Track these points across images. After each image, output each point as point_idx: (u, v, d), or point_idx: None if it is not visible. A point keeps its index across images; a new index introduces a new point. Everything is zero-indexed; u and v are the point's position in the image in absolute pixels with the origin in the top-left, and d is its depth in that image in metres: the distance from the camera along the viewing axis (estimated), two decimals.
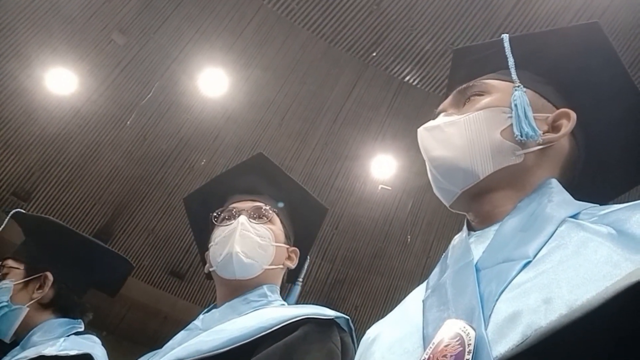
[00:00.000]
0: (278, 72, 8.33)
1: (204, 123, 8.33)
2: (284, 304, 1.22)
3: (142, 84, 7.95)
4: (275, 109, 8.51)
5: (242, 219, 1.27)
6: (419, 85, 8.42)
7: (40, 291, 1.62)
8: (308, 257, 1.45)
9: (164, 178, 8.41)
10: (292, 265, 1.33)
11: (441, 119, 0.84)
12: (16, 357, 1.46)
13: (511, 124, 0.76)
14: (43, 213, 7.80)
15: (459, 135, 0.78)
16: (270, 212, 1.31)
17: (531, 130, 0.75)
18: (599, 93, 0.84)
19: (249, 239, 1.24)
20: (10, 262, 1.68)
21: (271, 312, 1.09)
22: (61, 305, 1.64)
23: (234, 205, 1.33)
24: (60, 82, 7.57)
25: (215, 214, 1.32)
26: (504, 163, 0.76)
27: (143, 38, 7.82)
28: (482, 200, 0.78)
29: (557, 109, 0.82)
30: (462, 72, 0.94)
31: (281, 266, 1.30)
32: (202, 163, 8.40)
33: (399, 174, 8.53)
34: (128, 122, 7.94)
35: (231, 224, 1.27)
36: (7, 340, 1.59)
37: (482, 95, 0.83)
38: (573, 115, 0.80)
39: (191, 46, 7.93)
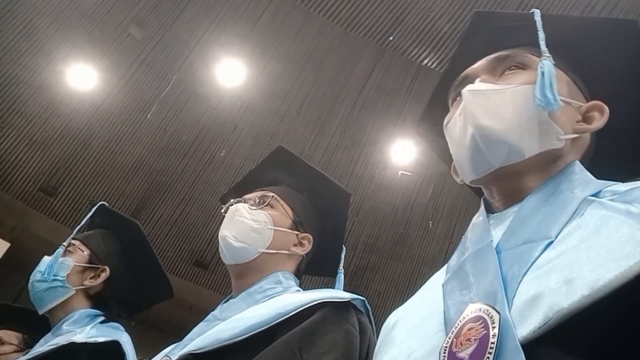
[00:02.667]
0: (294, 61, 8.31)
1: (222, 114, 8.39)
2: (299, 290, 1.22)
3: (161, 77, 8.03)
4: (292, 97, 8.51)
5: (239, 206, 1.29)
6: (437, 68, 8.30)
7: (92, 280, 1.67)
8: (344, 246, 1.44)
9: (185, 170, 8.52)
10: (302, 251, 1.31)
11: (484, 85, 0.79)
12: (48, 344, 1.52)
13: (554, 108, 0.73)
14: (70, 208, 8.00)
15: (506, 107, 0.75)
16: (271, 197, 1.31)
17: (553, 99, 0.72)
18: (622, 92, 0.83)
19: (241, 224, 1.25)
20: (78, 244, 1.72)
21: (288, 298, 1.10)
22: (102, 302, 1.69)
23: (244, 197, 1.35)
24: (81, 77, 7.71)
25: (228, 205, 1.34)
26: (548, 146, 0.74)
27: (160, 30, 7.88)
28: (512, 180, 0.75)
29: (586, 99, 0.81)
30: (481, 37, 0.90)
31: (286, 252, 1.28)
32: (222, 154, 8.47)
33: (419, 159, 8.46)
34: (148, 116, 8.05)
35: (228, 213, 1.31)
36: (40, 311, 1.65)
37: (523, 69, 0.80)
38: (607, 110, 0.78)
39: (208, 36, 7.96)
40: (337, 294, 1.07)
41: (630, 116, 0.82)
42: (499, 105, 0.75)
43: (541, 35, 0.81)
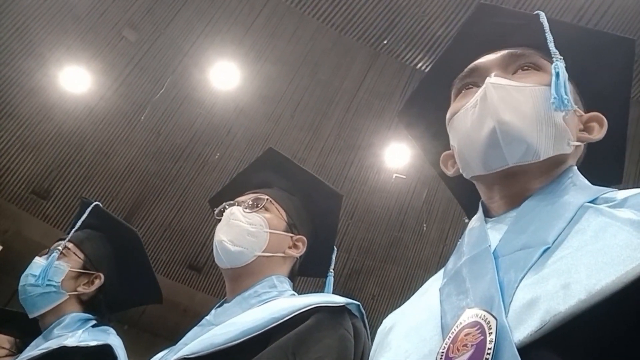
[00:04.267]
0: (289, 64, 8.32)
1: (216, 117, 8.37)
2: (294, 294, 1.22)
3: (155, 80, 8.00)
4: (286, 101, 8.51)
5: (234, 209, 1.29)
6: None
7: (86, 287, 1.65)
8: (335, 247, 1.44)
9: (179, 173, 8.49)
10: (297, 253, 1.31)
11: (504, 80, 0.77)
12: (39, 348, 1.50)
13: (568, 111, 0.74)
14: (62, 211, 7.94)
15: (526, 104, 0.73)
16: (266, 200, 1.31)
17: (567, 100, 0.72)
18: (606, 104, 0.84)
19: (237, 227, 1.25)
20: (72, 247, 1.69)
21: (282, 302, 1.10)
22: (94, 308, 1.67)
23: (237, 199, 1.34)
24: (74, 80, 7.66)
25: (221, 208, 1.33)
26: (560, 150, 0.74)
27: (154, 33, 7.86)
28: (519, 180, 0.74)
29: (584, 109, 0.83)
30: (483, 30, 0.89)
31: (281, 254, 1.28)
32: (216, 157, 8.45)
33: (413, 162, 8.48)
34: (142, 118, 8.01)
35: (223, 217, 1.30)
36: (31, 315, 1.63)
37: (537, 70, 0.80)
38: (606, 122, 0.80)
39: (202, 39, 7.95)
40: (332, 298, 1.06)
41: (611, 128, 0.84)
42: (520, 102, 0.74)
43: (549, 37, 0.81)
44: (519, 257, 0.60)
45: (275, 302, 1.13)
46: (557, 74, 0.74)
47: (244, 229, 1.25)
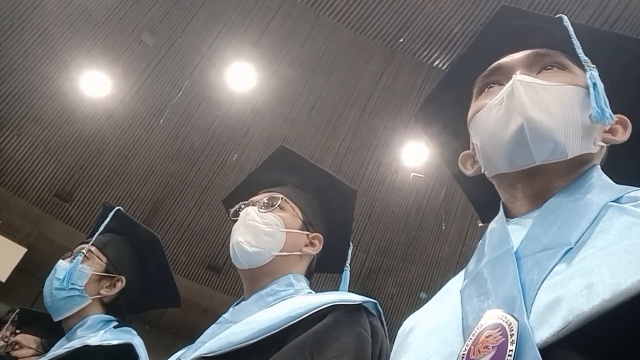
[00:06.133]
0: (305, 65, 8.34)
1: (233, 119, 8.43)
2: (311, 292, 1.22)
3: (173, 83, 8.10)
4: (303, 101, 8.53)
5: (249, 209, 1.28)
6: (448, 70, 8.28)
7: (108, 290, 1.68)
8: (351, 243, 1.44)
9: (198, 174, 8.58)
10: (313, 251, 1.30)
11: (530, 78, 0.76)
12: (63, 347, 1.54)
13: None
14: (85, 213, 8.09)
15: (554, 103, 0.73)
16: (281, 199, 1.30)
17: (609, 114, 0.71)
18: (627, 108, 0.82)
19: (253, 228, 1.25)
20: (95, 250, 1.72)
21: (299, 301, 1.10)
22: (115, 310, 1.71)
23: (251, 199, 1.35)
24: (94, 85, 7.81)
25: (236, 208, 1.33)
26: (587, 149, 0.73)
27: (172, 37, 7.96)
28: (544, 179, 0.73)
29: None
30: (504, 31, 0.89)
31: (298, 252, 1.27)
32: (234, 158, 8.51)
33: (431, 161, 8.42)
34: (160, 121, 8.12)
35: (238, 217, 1.30)
36: (56, 319, 1.66)
37: (562, 69, 0.79)
38: (630, 125, 0.79)
39: (219, 41, 8.02)
40: (349, 296, 1.06)
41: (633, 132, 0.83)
42: (548, 101, 0.73)
43: (576, 43, 0.80)
44: (541, 258, 0.59)
45: (291, 300, 1.13)
46: (595, 85, 0.74)
47: (260, 229, 1.25)
